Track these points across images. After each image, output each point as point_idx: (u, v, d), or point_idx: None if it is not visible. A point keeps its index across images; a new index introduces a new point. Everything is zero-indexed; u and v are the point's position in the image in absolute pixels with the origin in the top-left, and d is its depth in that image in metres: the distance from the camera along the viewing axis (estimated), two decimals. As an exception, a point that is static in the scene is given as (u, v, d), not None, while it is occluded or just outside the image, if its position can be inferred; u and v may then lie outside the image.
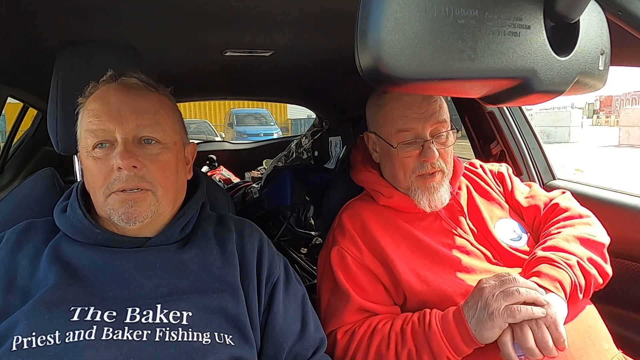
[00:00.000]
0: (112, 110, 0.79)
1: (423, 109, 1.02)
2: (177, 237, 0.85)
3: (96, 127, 0.78)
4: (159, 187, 0.80)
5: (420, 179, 1.04)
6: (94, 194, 0.80)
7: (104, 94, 0.81)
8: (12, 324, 0.70)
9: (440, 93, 0.94)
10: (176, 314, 0.74)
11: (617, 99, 37.60)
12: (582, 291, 0.90)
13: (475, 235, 1.05)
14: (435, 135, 1.03)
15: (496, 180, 1.19)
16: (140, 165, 0.77)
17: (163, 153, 0.81)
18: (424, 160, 1.02)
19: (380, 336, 0.92)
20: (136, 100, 0.81)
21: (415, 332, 0.89)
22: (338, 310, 0.98)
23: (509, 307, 0.80)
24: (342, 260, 1.02)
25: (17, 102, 2.13)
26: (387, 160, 1.10)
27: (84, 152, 0.81)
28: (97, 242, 0.80)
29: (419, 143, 1.03)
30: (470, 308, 0.84)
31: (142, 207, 0.78)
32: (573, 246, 0.94)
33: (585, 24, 0.45)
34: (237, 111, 15.34)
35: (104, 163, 0.77)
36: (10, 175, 2.41)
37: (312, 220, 2.15)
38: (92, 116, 0.79)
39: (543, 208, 1.10)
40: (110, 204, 0.77)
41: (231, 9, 1.08)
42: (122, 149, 0.76)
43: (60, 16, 1.05)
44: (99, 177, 0.78)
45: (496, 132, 1.62)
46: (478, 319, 0.82)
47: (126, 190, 0.77)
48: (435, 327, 0.86)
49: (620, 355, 0.92)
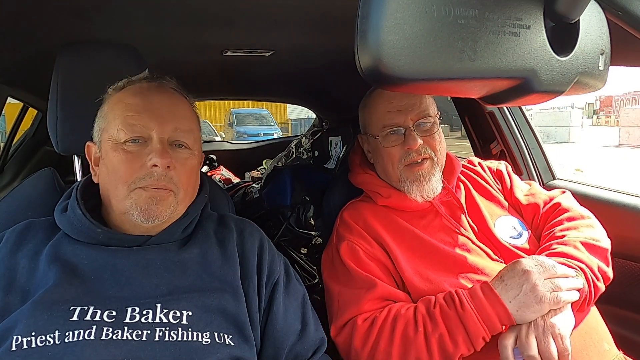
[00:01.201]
0: (154, 109, 0.81)
1: (403, 101, 1.05)
2: (178, 236, 0.86)
3: (135, 121, 0.79)
4: (181, 190, 0.82)
5: (408, 169, 1.05)
6: (114, 186, 0.79)
7: (145, 91, 0.83)
8: (11, 323, 0.70)
9: (440, 93, 0.93)
10: (176, 313, 0.74)
11: (617, 99, 37.59)
12: (589, 302, 0.90)
13: (476, 233, 1.05)
14: (417, 124, 1.05)
15: (495, 178, 1.20)
16: (172, 166, 0.79)
17: (190, 158, 0.84)
18: (408, 149, 1.04)
19: (405, 320, 0.89)
20: (175, 104, 0.84)
21: (446, 314, 0.86)
22: (358, 298, 0.95)
23: (554, 293, 0.81)
24: (354, 253, 1.01)
25: (17, 102, 2.13)
26: (377, 156, 1.13)
27: (110, 143, 0.80)
28: (98, 241, 0.80)
29: (401, 132, 1.05)
30: (509, 288, 0.83)
31: (163, 206, 0.79)
32: (583, 254, 0.93)
33: (585, 24, 0.45)
34: (237, 111, 15.34)
35: (136, 158, 0.78)
36: (10, 175, 2.41)
37: (312, 220, 2.15)
38: (132, 110, 0.80)
39: (543, 206, 1.10)
40: (134, 199, 0.78)
41: (231, 9, 1.08)
42: (160, 148, 0.79)
43: (60, 16, 1.05)
44: (126, 170, 0.78)
45: (496, 132, 1.62)
46: (523, 301, 0.82)
47: (154, 188, 0.78)
48: (469, 308, 0.84)
49: (620, 356, 0.92)
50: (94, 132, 0.86)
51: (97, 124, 0.85)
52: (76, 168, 1.13)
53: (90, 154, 0.87)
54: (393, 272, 1.00)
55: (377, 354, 0.89)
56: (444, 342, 0.85)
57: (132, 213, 0.78)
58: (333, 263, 1.05)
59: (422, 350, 0.86)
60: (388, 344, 0.88)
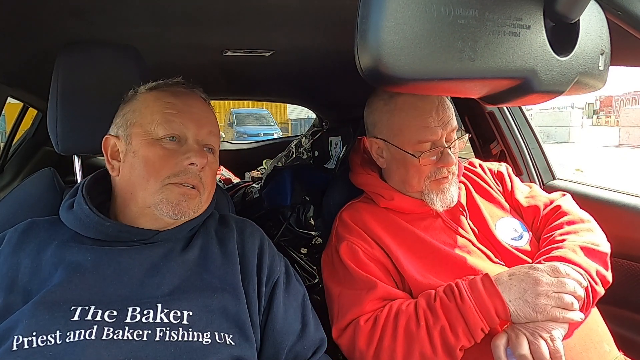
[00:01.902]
0: (192, 112, 0.85)
1: (440, 116, 1.01)
2: (185, 234, 0.87)
3: (176, 119, 0.83)
4: (206, 190, 0.85)
5: (434, 183, 1.04)
6: (145, 179, 0.80)
7: (182, 95, 0.87)
8: (12, 323, 0.70)
9: (440, 93, 0.94)
10: (177, 313, 0.74)
11: (617, 99, 37.60)
12: (587, 307, 0.90)
13: (477, 235, 1.05)
14: (451, 141, 1.04)
15: (496, 179, 1.19)
16: (204, 167, 0.83)
17: (215, 162, 0.89)
18: (442, 166, 1.02)
19: (407, 315, 0.89)
20: (208, 111, 0.89)
21: (447, 307, 0.86)
22: (359, 299, 0.95)
23: (554, 308, 0.81)
24: (354, 254, 1.01)
25: (17, 102, 2.13)
26: (399, 167, 1.08)
27: (145, 137, 0.82)
28: (106, 236, 0.81)
29: (437, 150, 1.02)
30: (512, 288, 0.84)
31: (191, 204, 0.82)
32: (581, 258, 0.92)
33: (585, 24, 0.45)
34: (237, 111, 15.33)
35: (172, 154, 0.81)
36: (10, 175, 2.41)
37: (312, 220, 2.15)
38: (172, 109, 0.84)
39: (543, 209, 1.09)
40: (166, 194, 0.80)
41: (231, 9, 1.07)
42: (198, 148, 0.83)
43: (60, 16, 1.05)
44: (162, 165, 0.80)
45: (496, 132, 1.62)
46: (520, 307, 0.82)
47: (186, 186, 0.81)
48: (468, 300, 0.85)
49: (621, 357, 0.92)
50: (116, 125, 0.87)
51: (123, 117, 0.86)
52: (76, 168, 1.13)
53: (108, 146, 0.87)
54: (393, 273, 1.00)
55: (382, 353, 0.89)
56: (445, 334, 0.85)
57: (160, 207, 0.80)
58: (333, 264, 1.05)
59: (426, 343, 0.86)
60: (392, 341, 0.88)
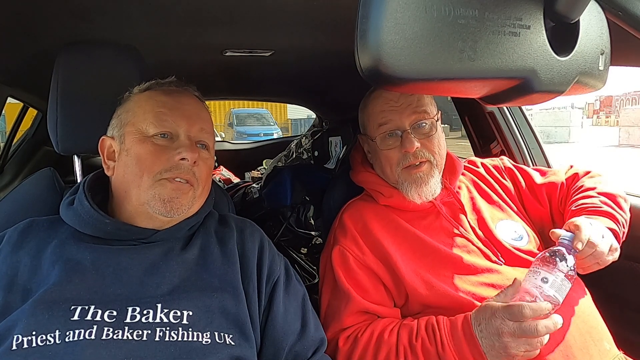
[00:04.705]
0: (184, 109, 0.87)
1: (400, 101, 1.05)
2: (184, 233, 0.87)
3: (167, 117, 0.84)
4: (200, 186, 0.86)
5: (405, 171, 1.05)
6: (139, 176, 0.81)
7: (174, 93, 0.88)
8: (12, 322, 0.70)
9: (440, 93, 0.93)
10: (176, 313, 0.74)
11: (617, 99, 37.61)
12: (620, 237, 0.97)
13: (477, 234, 1.05)
14: (415, 126, 1.04)
15: (505, 176, 1.19)
16: (197, 162, 0.84)
17: (209, 159, 0.90)
18: (405, 151, 1.03)
19: (387, 348, 0.90)
20: (201, 109, 0.90)
21: (427, 350, 0.87)
22: (338, 312, 0.98)
23: (527, 353, 0.80)
24: (344, 260, 1.02)
25: (17, 102, 2.13)
26: (375, 157, 1.12)
27: (138, 135, 0.83)
28: (105, 233, 0.81)
29: (398, 135, 1.05)
30: (485, 336, 0.82)
31: (184, 200, 0.83)
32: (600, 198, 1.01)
33: (585, 24, 0.45)
34: (237, 111, 15.34)
35: (164, 150, 0.82)
36: (10, 175, 2.41)
37: (312, 220, 2.16)
38: (164, 107, 0.85)
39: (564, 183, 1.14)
40: (158, 189, 0.81)
41: (231, 9, 1.08)
42: (189, 144, 0.84)
43: (60, 16, 1.05)
44: (154, 161, 0.81)
45: (496, 132, 1.62)
46: (495, 355, 0.81)
47: (179, 180, 0.82)
48: (449, 349, 0.85)
49: (621, 356, 0.92)
50: (112, 127, 0.88)
51: (118, 118, 0.88)
52: (76, 168, 1.13)
53: (104, 147, 0.88)
54: (385, 279, 1.00)
55: None
56: None
57: (153, 204, 0.80)
58: (326, 268, 1.07)
59: None
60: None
